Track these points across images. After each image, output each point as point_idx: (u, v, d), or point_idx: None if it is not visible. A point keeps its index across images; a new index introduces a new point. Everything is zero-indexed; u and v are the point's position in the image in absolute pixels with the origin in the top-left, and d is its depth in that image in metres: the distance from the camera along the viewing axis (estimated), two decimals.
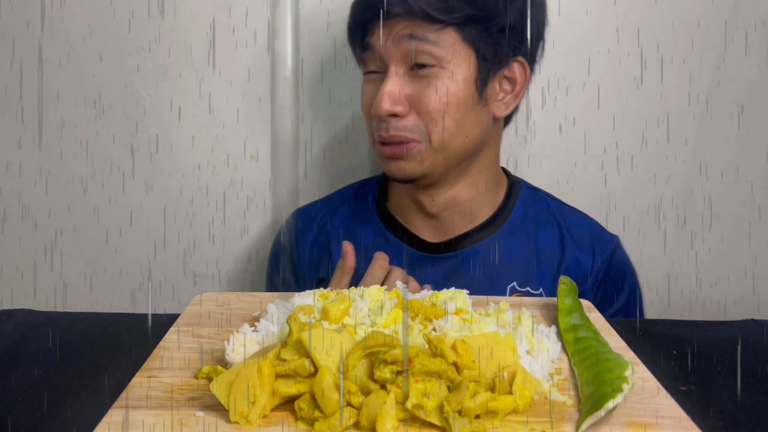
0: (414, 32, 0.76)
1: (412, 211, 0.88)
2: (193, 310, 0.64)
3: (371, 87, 0.82)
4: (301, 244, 0.92)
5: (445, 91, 0.77)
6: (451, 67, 0.77)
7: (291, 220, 0.95)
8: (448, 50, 0.76)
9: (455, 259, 0.86)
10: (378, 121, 0.79)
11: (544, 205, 0.90)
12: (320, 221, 0.93)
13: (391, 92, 0.77)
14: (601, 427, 0.43)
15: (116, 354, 0.58)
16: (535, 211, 0.89)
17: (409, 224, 0.89)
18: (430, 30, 0.76)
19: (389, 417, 0.42)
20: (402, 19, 0.76)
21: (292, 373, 0.45)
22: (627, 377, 0.45)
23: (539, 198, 0.91)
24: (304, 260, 0.91)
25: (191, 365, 0.51)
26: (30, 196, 1.06)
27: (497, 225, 0.87)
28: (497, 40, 0.78)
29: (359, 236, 0.89)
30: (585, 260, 0.86)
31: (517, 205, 0.88)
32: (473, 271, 0.85)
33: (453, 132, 0.78)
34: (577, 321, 0.59)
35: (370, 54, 0.80)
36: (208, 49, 1.01)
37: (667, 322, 0.73)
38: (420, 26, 0.76)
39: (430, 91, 0.77)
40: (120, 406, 0.45)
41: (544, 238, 0.87)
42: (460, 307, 0.55)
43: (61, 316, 0.70)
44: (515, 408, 0.44)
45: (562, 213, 0.90)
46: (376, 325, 0.51)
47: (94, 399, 0.48)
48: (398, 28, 0.77)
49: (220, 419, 0.43)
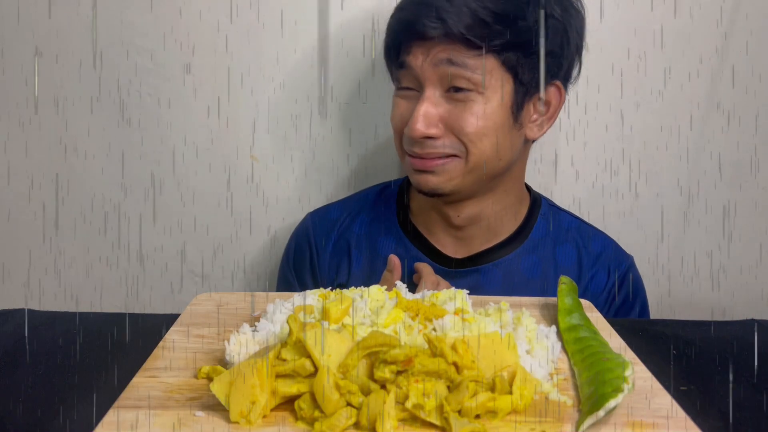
0: (452, 57, 0.75)
1: (436, 223, 0.88)
2: (193, 310, 0.64)
3: (404, 103, 0.81)
4: (321, 248, 0.92)
5: (482, 114, 0.77)
6: (488, 92, 0.77)
7: (309, 222, 0.94)
8: (486, 75, 0.76)
9: (477, 274, 0.87)
10: (409, 140, 0.79)
11: (564, 224, 0.91)
12: (341, 225, 0.92)
13: (427, 114, 0.77)
14: (601, 427, 0.43)
15: (116, 354, 0.58)
16: (555, 228, 0.90)
17: (431, 236, 0.89)
18: (468, 55, 0.75)
19: (389, 417, 0.42)
20: (440, 41, 0.75)
21: (292, 373, 0.45)
22: (627, 377, 0.45)
23: (559, 216, 0.92)
24: (324, 264, 0.91)
25: (191, 365, 0.51)
26: (30, 196, 1.06)
27: (519, 241, 0.88)
28: (535, 64, 0.77)
29: (380, 245, 0.89)
30: (601, 277, 0.88)
31: (538, 223, 0.89)
32: (493, 287, 0.85)
33: (489, 155, 0.78)
34: (577, 321, 0.59)
35: (405, 72, 0.80)
36: (208, 50, 1.01)
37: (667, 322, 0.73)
38: (458, 50, 0.75)
39: (466, 115, 0.77)
40: (120, 406, 0.45)
41: (563, 256, 0.88)
42: (460, 307, 0.55)
43: (61, 316, 0.70)
44: (515, 408, 0.44)
45: (580, 232, 0.91)
46: (376, 325, 0.51)
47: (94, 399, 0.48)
48: (436, 51, 0.76)
49: (220, 419, 0.43)
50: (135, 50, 1.00)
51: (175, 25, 1.00)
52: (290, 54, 1.02)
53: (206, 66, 1.02)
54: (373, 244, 0.90)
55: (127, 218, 1.08)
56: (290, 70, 1.03)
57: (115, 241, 1.09)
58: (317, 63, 1.03)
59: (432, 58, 0.76)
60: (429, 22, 0.74)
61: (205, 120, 1.04)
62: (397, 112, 0.82)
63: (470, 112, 0.76)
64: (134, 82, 1.02)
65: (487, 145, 0.78)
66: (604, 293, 0.87)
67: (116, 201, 1.07)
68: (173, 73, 1.02)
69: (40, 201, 1.06)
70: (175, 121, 1.04)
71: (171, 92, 1.02)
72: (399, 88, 0.82)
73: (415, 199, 0.91)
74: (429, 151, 0.78)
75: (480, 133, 0.77)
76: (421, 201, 0.89)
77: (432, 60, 0.76)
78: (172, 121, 1.04)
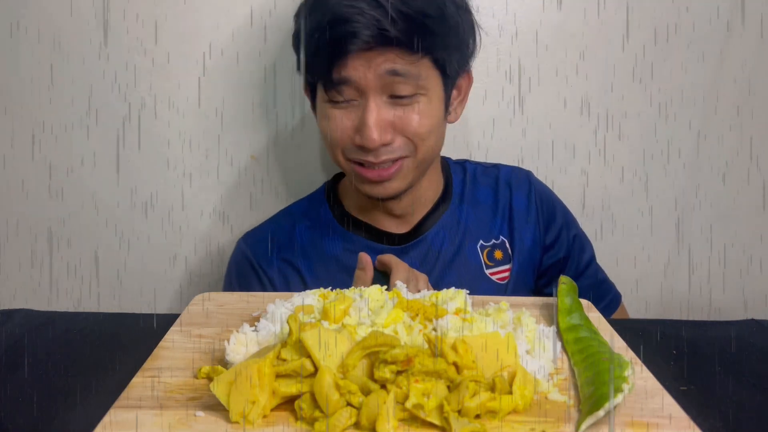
0: (394, 67, 0.76)
1: (374, 211, 0.91)
2: (193, 310, 0.63)
3: (342, 114, 0.80)
4: (267, 267, 0.92)
5: (427, 113, 0.80)
6: (429, 92, 0.80)
7: (245, 247, 0.94)
8: (426, 78, 0.79)
9: (425, 242, 0.91)
10: (360, 150, 0.80)
11: (470, 171, 0.98)
12: (278, 242, 0.93)
13: (378, 122, 0.78)
14: (601, 427, 0.43)
15: (116, 354, 0.58)
16: (467, 177, 0.97)
17: (373, 223, 0.92)
18: (408, 61, 0.76)
19: (389, 417, 0.42)
20: (379, 50, 0.75)
21: (292, 373, 0.45)
22: (627, 377, 0.45)
23: (465, 167, 0.98)
24: (276, 282, 0.91)
25: (191, 365, 0.51)
26: (29, 196, 1.06)
27: (447, 200, 0.94)
28: (453, 57, 0.81)
29: (327, 247, 0.92)
30: (517, 197, 0.95)
31: (454, 178, 0.96)
32: (444, 246, 0.91)
33: (433, 147, 0.84)
34: (577, 321, 0.59)
35: (343, 86, 0.78)
36: (207, 50, 1.01)
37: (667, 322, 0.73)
38: (398, 57, 0.76)
39: (413, 116, 0.79)
40: (120, 406, 0.45)
41: (483, 196, 0.95)
42: (460, 307, 0.55)
43: (61, 316, 0.70)
44: (515, 408, 0.44)
45: (486, 172, 0.97)
46: (376, 325, 0.51)
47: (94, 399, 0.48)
48: (377, 61, 0.76)
49: (220, 419, 0.43)
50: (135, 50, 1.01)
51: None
52: None
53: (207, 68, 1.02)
54: (319, 248, 0.92)
55: (127, 218, 1.08)
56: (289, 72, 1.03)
57: (115, 241, 1.09)
58: None
59: (375, 68, 0.76)
60: (365, 31, 0.73)
61: (205, 120, 1.04)
62: (334, 124, 0.81)
63: (416, 112, 0.79)
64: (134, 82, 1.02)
65: (433, 140, 0.83)
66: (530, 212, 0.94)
67: (116, 200, 1.07)
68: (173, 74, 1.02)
69: (40, 201, 1.07)
70: (175, 122, 1.04)
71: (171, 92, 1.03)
72: (333, 101, 0.80)
73: (347, 195, 0.94)
74: (384, 158, 0.80)
75: (427, 131, 0.81)
76: (355, 197, 0.92)
77: (375, 71, 0.76)
78: (172, 121, 1.04)
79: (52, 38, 0.99)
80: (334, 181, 0.98)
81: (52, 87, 1.01)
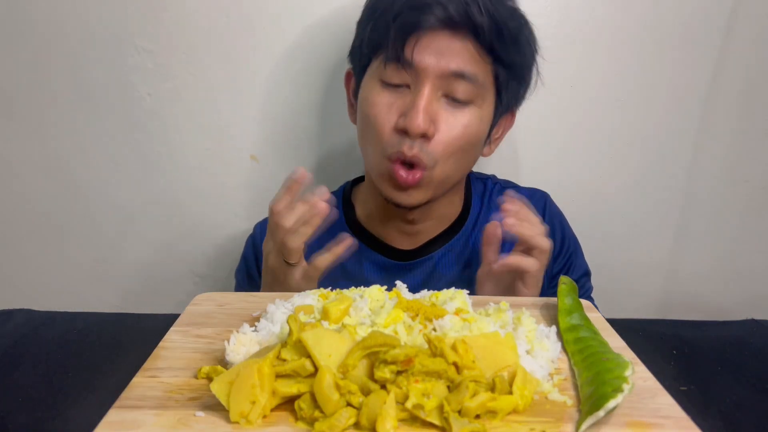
0: (461, 69, 0.74)
1: (387, 222, 0.89)
2: (193, 310, 0.63)
3: (390, 96, 0.77)
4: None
5: (473, 127, 0.77)
6: (481, 108, 0.77)
7: (256, 232, 0.94)
8: (484, 90, 0.76)
9: (431, 261, 0.89)
10: (401, 137, 0.76)
11: (489, 189, 0.95)
12: None
13: (427, 109, 0.74)
14: (601, 427, 0.43)
15: (116, 354, 0.58)
16: (485, 196, 0.94)
17: (382, 235, 0.90)
18: (475, 64, 0.74)
19: (389, 417, 0.42)
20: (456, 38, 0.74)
21: (292, 373, 0.45)
22: (627, 377, 0.46)
23: (486, 186, 0.95)
24: None
25: (191, 365, 0.51)
26: (30, 196, 1.06)
27: (462, 222, 0.91)
28: (512, 87, 0.79)
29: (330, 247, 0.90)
30: None
31: (474, 199, 0.93)
32: (448, 270, 0.88)
33: (455, 168, 0.79)
34: (577, 321, 0.59)
35: (405, 71, 0.76)
36: (208, 50, 1.00)
37: (667, 322, 0.73)
38: (468, 58, 0.74)
39: (459, 122, 0.76)
40: (120, 406, 0.45)
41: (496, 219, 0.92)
42: (460, 307, 0.55)
43: (61, 316, 0.70)
44: (515, 408, 0.44)
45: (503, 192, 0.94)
46: (376, 325, 0.51)
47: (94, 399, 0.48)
48: (449, 55, 0.74)
49: (220, 419, 0.43)
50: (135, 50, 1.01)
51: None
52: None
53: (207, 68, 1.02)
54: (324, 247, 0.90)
55: (126, 218, 1.08)
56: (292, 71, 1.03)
57: (115, 241, 1.09)
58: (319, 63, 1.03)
59: (444, 61, 0.74)
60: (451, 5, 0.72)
61: (205, 120, 1.04)
62: (381, 104, 0.77)
63: (463, 120, 0.76)
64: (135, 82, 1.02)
65: (452, 163, 0.78)
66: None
67: (116, 201, 1.07)
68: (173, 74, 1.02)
69: (40, 201, 1.07)
70: (175, 122, 1.04)
71: (171, 92, 1.02)
72: (385, 82, 0.77)
73: (361, 201, 0.92)
74: (417, 153, 0.75)
75: (461, 144, 0.77)
76: (369, 202, 0.90)
77: (442, 64, 0.74)
78: (172, 120, 1.04)
79: (52, 38, 0.99)
80: (352, 184, 0.96)
81: (53, 86, 1.01)
